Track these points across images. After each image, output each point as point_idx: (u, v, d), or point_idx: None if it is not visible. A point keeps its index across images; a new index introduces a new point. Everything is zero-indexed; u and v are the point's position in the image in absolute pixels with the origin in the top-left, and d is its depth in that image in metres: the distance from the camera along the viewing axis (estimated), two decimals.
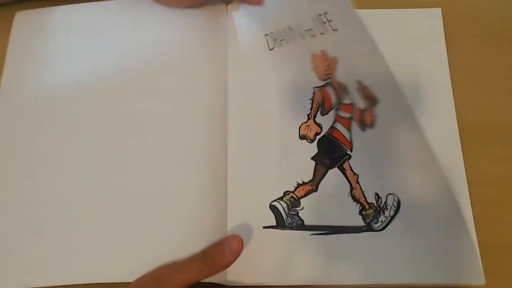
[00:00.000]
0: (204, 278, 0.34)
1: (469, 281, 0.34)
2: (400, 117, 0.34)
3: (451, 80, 0.41)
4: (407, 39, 0.42)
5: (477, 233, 0.36)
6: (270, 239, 0.37)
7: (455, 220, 0.33)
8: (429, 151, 0.32)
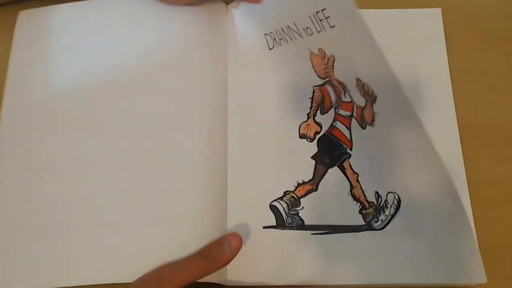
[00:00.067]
0: (204, 276, 0.34)
1: (470, 280, 0.34)
2: (400, 114, 0.34)
3: (451, 80, 0.41)
4: (407, 39, 0.42)
5: (477, 233, 0.36)
6: (270, 239, 0.37)
7: (456, 218, 0.33)
8: (430, 149, 0.32)
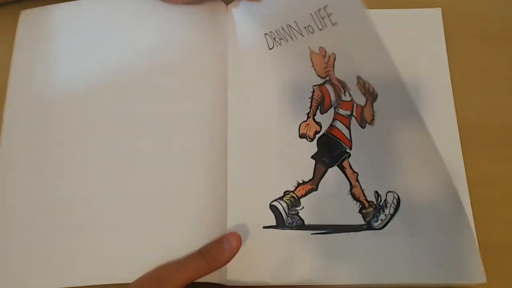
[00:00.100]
0: (204, 275, 0.34)
1: (470, 280, 0.34)
2: (402, 112, 0.33)
3: (451, 80, 0.41)
4: (407, 39, 0.42)
5: (477, 233, 0.36)
6: (270, 239, 0.37)
7: (456, 218, 0.33)
8: (431, 147, 0.32)
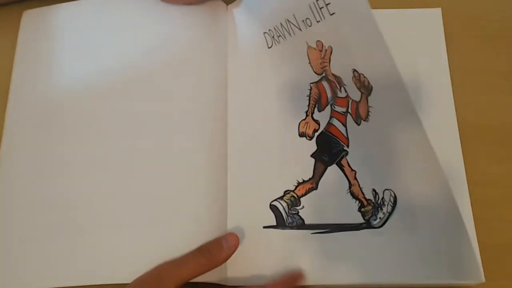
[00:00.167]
0: (203, 273, 0.34)
1: (469, 280, 0.34)
2: (396, 108, 0.33)
3: (451, 80, 0.41)
4: (407, 39, 0.42)
5: (477, 233, 0.36)
6: (270, 239, 0.37)
7: (452, 218, 0.33)
8: (426, 145, 0.32)
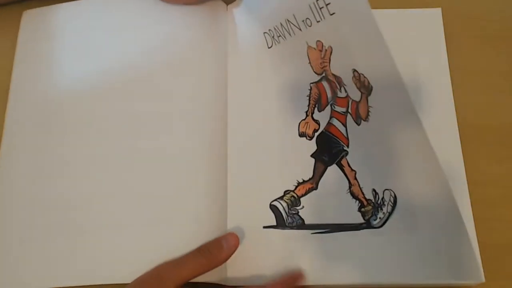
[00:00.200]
0: (202, 273, 0.34)
1: (469, 280, 0.34)
2: (396, 108, 0.33)
3: (451, 80, 0.41)
4: (407, 39, 0.42)
5: (477, 233, 0.36)
6: (270, 239, 0.37)
7: (452, 218, 0.33)
8: (425, 145, 0.32)
